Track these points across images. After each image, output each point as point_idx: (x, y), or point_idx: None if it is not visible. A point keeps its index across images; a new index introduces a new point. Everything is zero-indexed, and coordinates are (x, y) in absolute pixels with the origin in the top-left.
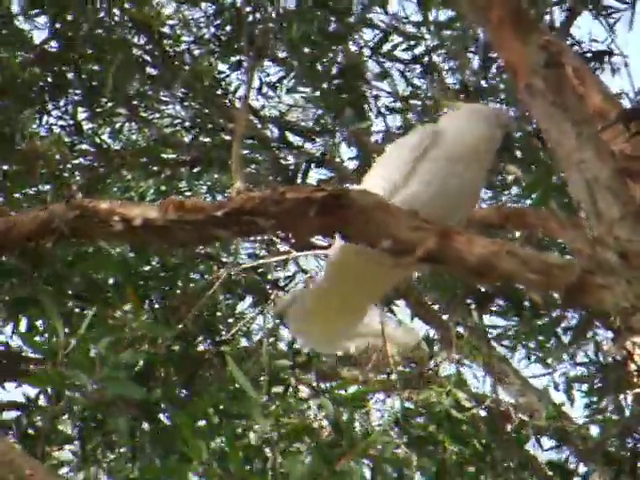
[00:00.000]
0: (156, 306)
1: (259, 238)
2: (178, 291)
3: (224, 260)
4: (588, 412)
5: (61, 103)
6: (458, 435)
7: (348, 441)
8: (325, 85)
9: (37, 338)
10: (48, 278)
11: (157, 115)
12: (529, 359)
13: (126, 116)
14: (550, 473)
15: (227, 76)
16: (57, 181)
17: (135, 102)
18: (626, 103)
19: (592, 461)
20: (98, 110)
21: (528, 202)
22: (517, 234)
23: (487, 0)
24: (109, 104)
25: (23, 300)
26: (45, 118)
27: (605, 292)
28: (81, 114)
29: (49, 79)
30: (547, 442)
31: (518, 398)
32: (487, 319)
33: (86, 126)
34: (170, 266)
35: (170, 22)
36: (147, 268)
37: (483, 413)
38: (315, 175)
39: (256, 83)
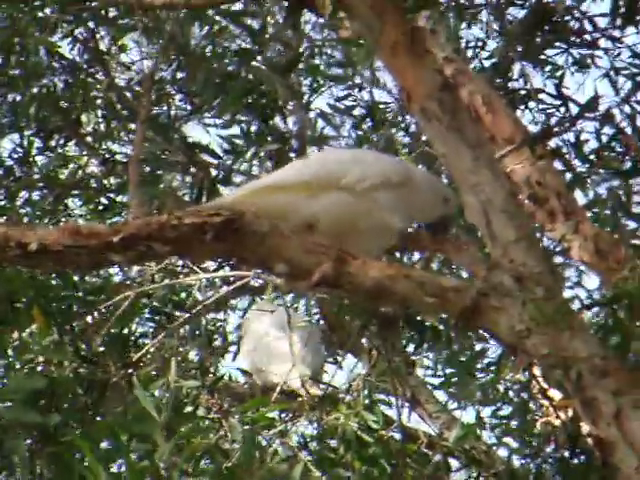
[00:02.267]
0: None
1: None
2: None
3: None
4: (495, 434)
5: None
6: (366, 456)
7: (248, 463)
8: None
9: None
10: None
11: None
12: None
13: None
14: None
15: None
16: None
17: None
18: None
19: None
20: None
21: None
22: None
23: (381, 24)
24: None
25: None
26: None
27: (500, 314)
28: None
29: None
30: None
31: (443, 430)
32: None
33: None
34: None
35: None
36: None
37: (396, 436)
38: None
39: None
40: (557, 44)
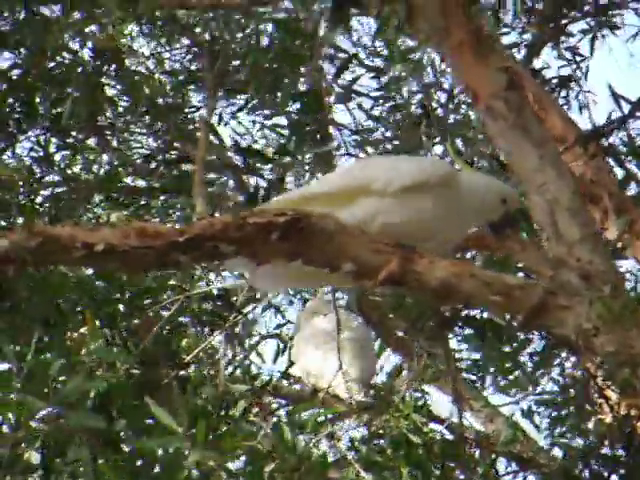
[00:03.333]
0: (113, 330)
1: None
2: (138, 315)
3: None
4: (551, 435)
5: (30, 133)
6: (414, 459)
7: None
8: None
9: None
10: (10, 306)
11: (127, 145)
12: (496, 387)
13: (95, 149)
14: None
15: (198, 109)
16: (24, 211)
17: (106, 132)
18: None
19: None
20: (69, 141)
21: None
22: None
23: (446, 24)
24: (79, 135)
25: None
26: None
27: (567, 313)
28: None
29: (17, 108)
30: (507, 467)
31: (486, 425)
32: (454, 345)
33: (57, 157)
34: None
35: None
36: (106, 291)
37: (446, 437)
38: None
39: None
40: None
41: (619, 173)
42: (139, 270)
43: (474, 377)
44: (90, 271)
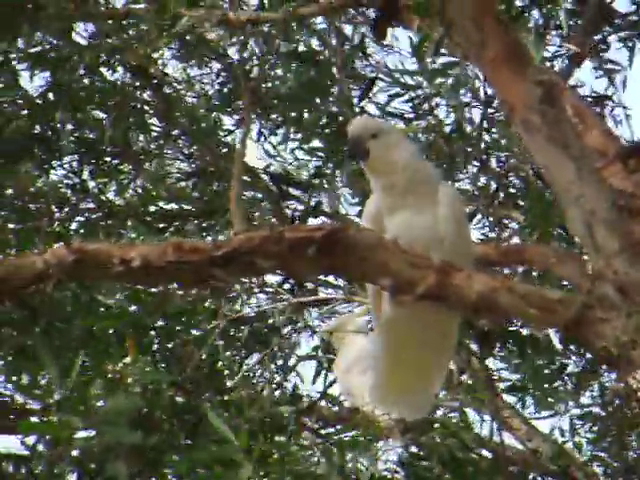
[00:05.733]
0: (156, 356)
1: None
2: (177, 340)
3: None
4: (591, 451)
5: (64, 159)
6: (463, 476)
7: None
8: (319, 132)
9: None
10: (47, 327)
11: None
12: (535, 407)
13: (129, 173)
14: None
15: (231, 132)
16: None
17: (140, 157)
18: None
19: None
20: (102, 167)
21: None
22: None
23: (482, 37)
24: (114, 161)
25: (22, 352)
26: (47, 175)
27: (605, 326)
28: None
29: (48, 133)
30: None
31: (525, 443)
32: (491, 363)
33: (91, 183)
34: (170, 315)
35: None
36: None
37: (487, 454)
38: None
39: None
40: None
41: None
42: (175, 284)
43: (513, 397)
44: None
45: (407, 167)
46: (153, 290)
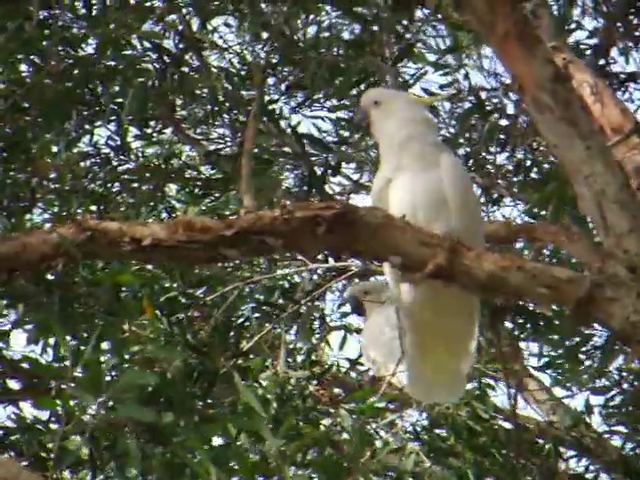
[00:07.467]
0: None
1: None
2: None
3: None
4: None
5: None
6: (477, 446)
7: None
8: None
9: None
10: (65, 299)
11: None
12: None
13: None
14: None
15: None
16: (94, 199)
17: (180, 120)
18: None
19: (613, 471)
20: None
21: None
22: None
23: (492, 15)
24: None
25: (42, 324)
26: (89, 136)
27: (615, 305)
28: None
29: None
30: (568, 453)
31: (550, 416)
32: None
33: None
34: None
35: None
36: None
37: (505, 425)
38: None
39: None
40: None
41: None
42: (186, 264)
43: (538, 372)
44: None
45: (404, 127)
46: None
